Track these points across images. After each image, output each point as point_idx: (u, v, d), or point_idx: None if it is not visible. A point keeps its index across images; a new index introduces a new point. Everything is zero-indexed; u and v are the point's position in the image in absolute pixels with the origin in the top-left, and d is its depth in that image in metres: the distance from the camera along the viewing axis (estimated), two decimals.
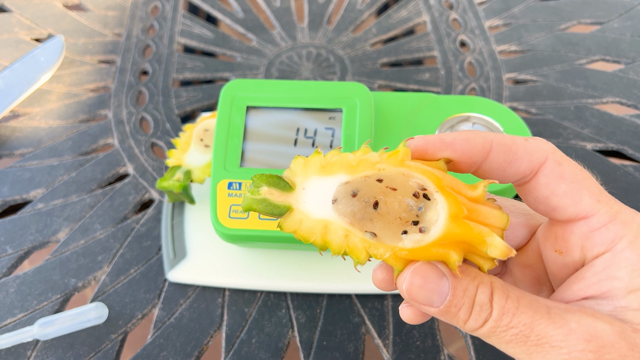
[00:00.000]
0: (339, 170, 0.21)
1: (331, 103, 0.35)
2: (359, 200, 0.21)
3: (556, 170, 0.19)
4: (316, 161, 0.22)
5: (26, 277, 0.38)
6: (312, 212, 0.21)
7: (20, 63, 0.50)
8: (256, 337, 0.35)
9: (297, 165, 0.22)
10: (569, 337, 0.18)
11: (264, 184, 0.22)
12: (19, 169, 0.44)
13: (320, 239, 0.21)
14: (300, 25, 0.55)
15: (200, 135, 0.39)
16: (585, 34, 0.52)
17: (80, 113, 0.48)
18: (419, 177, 0.20)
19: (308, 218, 0.21)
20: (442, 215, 0.19)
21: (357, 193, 0.21)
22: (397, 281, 0.20)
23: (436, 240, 0.19)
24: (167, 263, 0.38)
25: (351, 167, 0.21)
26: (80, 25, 0.56)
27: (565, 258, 0.20)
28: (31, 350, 0.35)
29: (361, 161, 0.21)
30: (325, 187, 0.21)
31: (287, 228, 0.21)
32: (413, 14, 0.55)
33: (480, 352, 0.34)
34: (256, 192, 0.22)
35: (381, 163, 0.21)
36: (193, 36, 0.55)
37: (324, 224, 0.21)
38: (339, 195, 0.21)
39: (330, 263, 0.37)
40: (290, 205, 0.21)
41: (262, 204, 0.21)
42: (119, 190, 0.43)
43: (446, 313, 0.19)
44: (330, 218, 0.21)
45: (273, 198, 0.21)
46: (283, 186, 0.22)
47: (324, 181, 0.21)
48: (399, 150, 0.21)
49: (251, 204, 0.22)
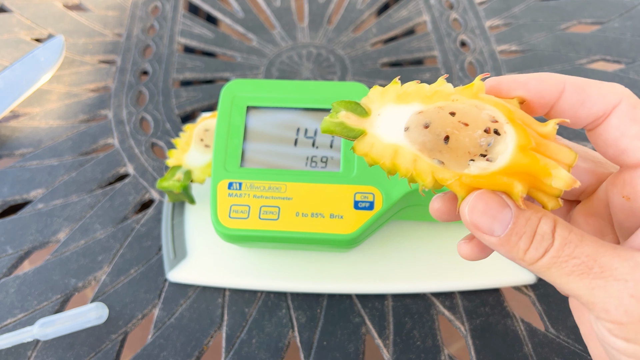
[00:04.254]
0: (414, 100, 0.22)
1: (331, 103, 0.35)
2: (431, 132, 0.21)
3: (630, 113, 0.19)
4: (393, 90, 0.23)
5: (26, 277, 0.38)
6: (384, 137, 0.22)
7: (20, 63, 0.50)
8: (256, 337, 0.35)
9: (375, 93, 0.23)
10: (636, 270, 0.17)
11: (342, 109, 0.23)
12: (19, 169, 0.44)
13: (389, 162, 0.22)
14: (301, 25, 0.55)
15: (201, 135, 0.39)
16: (585, 34, 0.52)
17: (80, 113, 0.48)
18: (490, 109, 0.21)
19: (380, 142, 0.22)
20: (510, 145, 0.20)
21: (429, 125, 0.22)
22: (460, 207, 0.20)
23: (502, 169, 0.20)
24: (168, 263, 0.38)
25: (426, 97, 0.22)
26: (80, 25, 0.56)
27: (633, 204, 0.20)
28: (31, 351, 0.35)
29: (436, 92, 0.22)
30: (399, 114, 0.22)
31: (359, 150, 0.23)
32: (413, 14, 0.55)
33: (480, 352, 0.34)
34: (334, 115, 0.23)
35: (455, 94, 0.21)
36: (193, 36, 0.55)
37: (394, 148, 0.22)
38: (412, 125, 0.22)
39: (331, 263, 0.37)
40: (365, 130, 0.23)
41: (339, 126, 0.23)
42: (119, 191, 0.43)
43: (506, 242, 0.19)
44: (401, 144, 0.22)
45: (349, 122, 0.23)
46: (359, 111, 0.23)
47: (398, 109, 0.22)
48: (473, 84, 0.21)
49: (329, 126, 0.23)
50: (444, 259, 0.37)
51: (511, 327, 0.35)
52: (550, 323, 0.35)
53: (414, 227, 0.38)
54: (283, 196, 0.33)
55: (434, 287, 0.36)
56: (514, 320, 0.35)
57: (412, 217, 0.37)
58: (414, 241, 0.38)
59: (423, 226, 0.38)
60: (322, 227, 0.32)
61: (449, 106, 0.21)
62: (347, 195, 0.33)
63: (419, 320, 0.35)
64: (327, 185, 0.33)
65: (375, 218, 0.32)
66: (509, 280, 0.36)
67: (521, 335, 0.34)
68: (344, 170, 0.34)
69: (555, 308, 0.35)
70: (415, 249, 0.37)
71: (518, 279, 0.36)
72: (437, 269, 0.36)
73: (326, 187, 0.33)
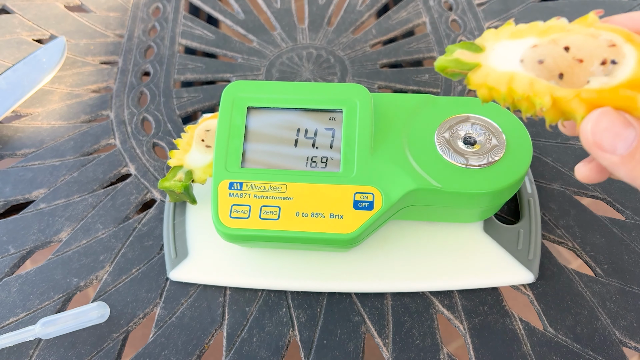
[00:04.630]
0: (528, 34, 0.22)
1: (331, 104, 0.36)
2: (545, 68, 0.21)
3: None
4: (507, 28, 0.24)
5: (28, 276, 0.38)
6: (499, 67, 0.23)
7: (22, 64, 0.50)
8: (257, 336, 0.35)
9: (489, 33, 0.24)
10: None
11: (457, 48, 0.24)
12: (21, 169, 0.45)
13: (505, 87, 0.22)
14: (301, 27, 0.55)
15: (202, 136, 0.39)
16: None
17: (82, 113, 0.49)
18: (607, 34, 0.20)
19: (495, 71, 0.23)
20: (631, 60, 0.19)
21: (543, 61, 0.22)
22: (581, 125, 0.20)
23: (623, 82, 0.19)
24: (169, 262, 0.38)
25: (541, 31, 0.22)
26: (82, 26, 0.56)
27: None
28: (33, 349, 0.35)
29: (550, 26, 0.22)
30: (513, 48, 0.23)
31: (474, 81, 0.23)
32: (413, 15, 0.56)
33: (479, 351, 0.34)
34: (449, 53, 0.24)
35: (570, 25, 0.22)
36: (194, 37, 0.55)
37: (510, 75, 0.22)
38: (526, 58, 0.22)
39: (331, 262, 0.37)
40: (479, 62, 0.23)
41: (454, 62, 0.24)
42: (121, 190, 0.43)
43: (630, 159, 0.19)
44: (517, 70, 0.22)
45: (464, 57, 0.23)
46: (474, 48, 0.24)
47: (513, 43, 0.23)
48: (587, 16, 0.22)
49: (443, 63, 0.24)
50: (443, 258, 0.37)
51: (510, 326, 0.35)
52: (548, 322, 0.35)
53: (414, 227, 0.38)
54: (283, 196, 0.33)
55: (433, 286, 0.36)
56: (512, 320, 0.35)
57: (412, 217, 0.38)
58: (414, 241, 0.38)
59: (423, 226, 0.38)
60: (322, 227, 0.33)
61: (563, 39, 0.21)
62: (347, 195, 0.33)
63: (418, 319, 0.35)
64: (327, 185, 0.33)
65: (375, 218, 0.33)
66: (508, 279, 0.36)
67: (520, 334, 0.34)
68: (344, 171, 0.34)
69: (554, 307, 0.35)
70: (414, 248, 0.37)
71: (517, 279, 0.36)
72: (436, 268, 0.36)
73: (326, 187, 0.33)
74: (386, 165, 0.34)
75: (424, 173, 0.33)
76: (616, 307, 0.35)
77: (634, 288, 0.36)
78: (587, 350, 0.33)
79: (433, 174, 0.33)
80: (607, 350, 0.33)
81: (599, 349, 0.33)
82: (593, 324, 0.34)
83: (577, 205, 0.40)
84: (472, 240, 0.38)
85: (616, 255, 0.37)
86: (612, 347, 0.33)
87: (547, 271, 0.37)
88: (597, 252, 0.38)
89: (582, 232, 0.39)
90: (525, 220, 0.38)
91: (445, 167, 0.34)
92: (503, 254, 0.37)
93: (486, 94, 0.23)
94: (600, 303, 0.35)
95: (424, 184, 0.33)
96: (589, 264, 0.38)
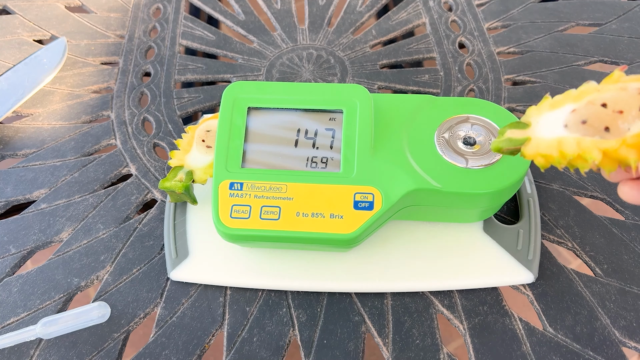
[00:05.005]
0: (565, 102, 0.25)
1: (331, 104, 0.36)
2: (589, 127, 0.24)
3: None
4: (546, 102, 0.27)
5: (29, 276, 0.39)
6: (547, 136, 0.26)
7: (23, 64, 0.50)
8: (257, 335, 0.35)
9: (531, 110, 0.27)
10: None
11: (507, 129, 0.27)
12: (22, 169, 0.45)
13: (557, 152, 0.25)
14: (301, 27, 0.56)
15: (202, 136, 0.39)
16: (583, 36, 0.52)
17: (82, 114, 0.49)
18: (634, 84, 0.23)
19: (544, 140, 0.25)
20: None
21: (586, 121, 0.24)
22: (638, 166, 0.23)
23: None
24: (169, 262, 0.38)
25: (574, 97, 0.25)
26: (82, 27, 0.56)
27: None
28: (34, 349, 0.35)
29: (583, 91, 0.25)
30: (555, 117, 0.26)
31: (528, 152, 0.26)
32: (412, 16, 0.56)
33: (479, 350, 0.34)
34: (501, 135, 0.28)
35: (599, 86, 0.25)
36: (195, 38, 0.55)
37: (558, 140, 0.25)
38: (569, 123, 0.25)
39: (331, 262, 0.37)
40: (529, 137, 0.26)
41: (507, 141, 0.27)
42: (122, 191, 0.43)
43: None
44: (563, 135, 0.25)
45: (514, 135, 0.27)
46: (521, 126, 0.27)
47: (554, 114, 0.26)
48: (613, 74, 0.24)
49: (498, 145, 0.28)
50: (443, 258, 0.37)
51: (509, 326, 0.35)
52: (548, 322, 0.35)
53: (413, 227, 0.38)
54: (284, 196, 0.33)
55: (433, 286, 0.36)
56: (512, 319, 0.35)
57: (412, 217, 0.38)
58: (414, 241, 0.38)
59: (423, 226, 0.38)
60: (322, 227, 0.33)
61: (598, 98, 0.24)
62: (347, 195, 0.33)
63: (418, 319, 0.35)
64: (327, 185, 0.34)
65: (375, 218, 0.33)
66: (508, 279, 0.36)
67: (519, 334, 0.35)
68: (344, 171, 0.34)
69: (553, 307, 0.35)
70: (414, 248, 0.38)
71: (516, 279, 0.36)
72: (436, 268, 0.37)
73: (326, 188, 0.33)
74: (386, 166, 0.34)
75: (423, 173, 0.33)
76: (616, 307, 0.35)
77: (634, 288, 0.36)
78: (586, 350, 0.34)
79: (433, 175, 0.33)
80: (607, 350, 0.33)
81: (598, 348, 0.34)
82: (593, 323, 0.35)
83: (576, 205, 0.40)
84: (472, 240, 0.38)
85: (616, 255, 0.37)
86: (611, 347, 0.34)
87: (546, 271, 0.37)
88: (596, 252, 0.38)
89: (581, 232, 0.39)
90: (525, 221, 0.38)
91: (445, 167, 0.34)
92: (503, 254, 0.37)
93: (543, 162, 0.26)
94: (600, 303, 0.35)
95: (424, 184, 0.33)
96: (588, 264, 0.38)
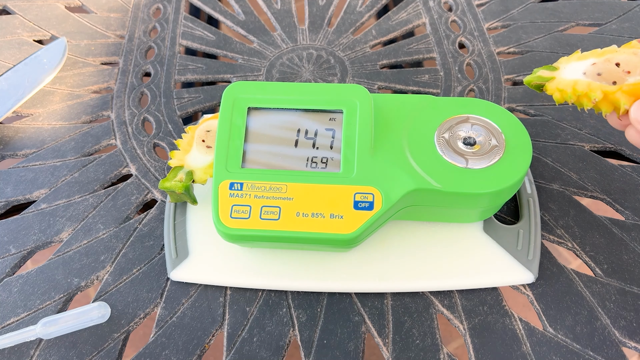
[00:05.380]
0: (589, 56, 0.32)
1: (332, 104, 0.36)
2: (602, 79, 0.31)
3: None
4: (575, 55, 0.33)
5: (29, 276, 0.39)
6: (566, 78, 0.32)
7: (23, 64, 0.50)
8: (257, 335, 0.35)
9: (562, 59, 0.34)
10: None
11: (540, 69, 0.34)
12: (22, 169, 0.45)
13: (571, 89, 0.32)
14: (301, 27, 0.56)
15: (202, 136, 0.39)
16: (583, 36, 0.52)
17: (82, 114, 0.49)
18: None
19: (564, 80, 0.32)
20: None
21: (601, 74, 0.31)
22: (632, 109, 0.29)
23: None
24: (170, 262, 0.38)
25: (598, 54, 0.32)
26: (82, 27, 0.56)
27: None
28: (34, 349, 0.35)
29: (605, 50, 0.32)
30: (579, 66, 0.32)
31: (550, 87, 0.33)
32: (412, 16, 0.56)
33: (479, 350, 0.34)
34: (534, 73, 0.34)
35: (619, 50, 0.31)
36: (195, 38, 0.55)
37: (575, 81, 0.32)
38: (588, 72, 0.32)
39: (331, 262, 0.37)
40: (554, 77, 0.33)
41: (537, 78, 0.34)
42: (122, 191, 0.43)
43: None
44: (578, 79, 0.32)
45: (544, 74, 0.34)
46: (551, 68, 0.34)
47: (578, 64, 0.32)
48: (631, 43, 0.31)
49: (530, 79, 0.34)
50: (443, 258, 0.37)
51: (509, 326, 0.35)
52: (548, 322, 0.35)
53: (414, 227, 0.38)
54: (284, 196, 0.33)
55: (433, 286, 0.36)
56: (512, 319, 0.35)
57: (412, 217, 0.38)
58: (414, 241, 0.38)
59: (423, 226, 0.39)
60: (322, 227, 0.33)
61: (614, 57, 0.31)
62: (347, 195, 0.33)
63: (418, 319, 0.35)
64: (327, 185, 0.34)
65: (375, 218, 0.33)
66: (508, 279, 0.36)
67: (519, 334, 0.35)
68: (344, 171, 0.34)
69: (553, 307, 0.35)
70: (414, 248, 0.38)
71: (516, 278, 0.36)
72: (436, 268, 0.37)
73: (326, 188, 0.33)
74: (386, 166, 0.34)
75: (424, 173, 0.33)
76: (616, 307, 0.35)
77: (634, 288, 0.36)
78: (586, 350, 0.34)
79: (433, 175, 0.33)
80: (607, 350, 0.33)
81: (598, 348, 0.34)
82: (593, 323, 0.35)
83: (576, 205, 0.40)
84: (472, 240, 0.38)
85: (616, 256, 0.37)
86: (611, 347, 0.34)
87: (546, 271, 0.37)
88: (596, 252, 0.38)
89: (581, 232, 0.39)
90: (525, 221, 0.38)
91: (445, 167, 0.34)
92: (503, 254, 0.37)
93: (558, 96, 0.32)
94: (600, 303, 0.35)
95: (424, 184, 0.33)
96: (588, 264, 0.38)
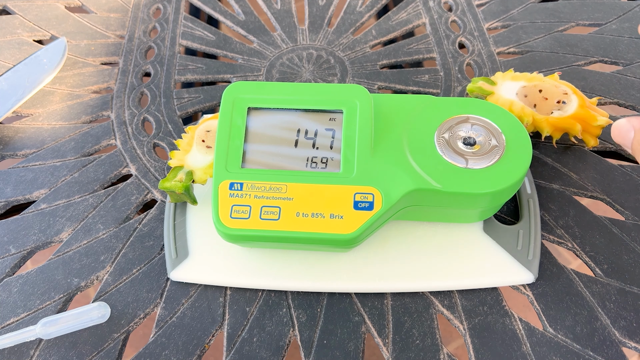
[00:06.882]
0: (521, 79, 0.41)
1: (331, 104, 0.36)
2: (527, 100, 0.40)
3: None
4: (509, 74, 0.41)
5: (29, 276, 0.39)
6: (504, 96, 0.40)
7: (23, 64, 0.50)
8: (257, 336, 0.35)
9: (498, 74, 0.41)
10: None
11: (479, 80, 0.41)
12: (22, 169, 0.45)
13: (507, 108, 0.39)
14: (301, 27, 0.56)
15: (202, 137, 0.39)
16: (583, 36, 0.52)
17: (82, 114, 0.49)
18: (563, 87, 0.40)
19: (502, 97, 0.40)
20: (575, 103, 0.39)
21: (527, 95, 0.40)
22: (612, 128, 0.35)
23: (570, 115, 0.39)
24: (169, 262, 0.38)
25: (528, 79, 0.40)
26: (82, 27, 0.56)
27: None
28: (34, 350, 0.35)
29: (534, 77, 0.40)
30: (512, 86, 0.40)
31: (490, 101, 0.39)
32: (412, 16, 0.56)
33: (479, 351, 0.34)
34: (475, 83, 0.41)
35: (544, 79, 0.40)
36: (195, 38, 0.55)
37: (511, 101, 0.40)
38: (518, 93, 0.40)
39: (331, 262, 0.37)
40: (493, 91, 0.40)
41: (478, 89, 0.41)
42: (122, 191, 0.43)
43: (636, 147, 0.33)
44: (514, 99, 0.40)
45: (484, 87, 0.41)
46: (490, 82, 0.41)
47: (512, 83, 0.41)
48: (554, 75, 0.40)
49: (472, 89, 0.41)
50: (443, 258, 0.37)
51: (509, 326, 0.35)
52: (548, 322, 0.35)
53: (414, 227, 0.38)
54: (284, 196, 0.33)
55: (433, 286, 0.36)
56: (512, 319, 0.35)
57: (412, 217, 0.38)
58: (414, 241, 0.38)
59: (423, 226, 0.39)
60: (322, 227, 0.33)
61: (539, 85, 0.40)
62: (347, 195, 0.33)
63: (418, 319, 0.35)
64: (327, 185, 0.34)
65: (375, 218, 0.33)
66: (508, 279, 0.36)
67: (519, 334, 0.35)
68: (344, 171, 0.34)
69: (553, 307, 0.35)
70: (414, 248, 0.38)
71: (516, 279, 0.36)
72: (436, 269, 0.37)
73: (326, 188, 0.33)
74: (386, 166, 0.34)
75: (423, 173, 0.33)
76: (616, 307, 0.35)
77: (634, 288, 0.36)
78: (586, 350, 0.34)
79: (433, 175, 0.33)
80: (607, 350, 0.33)
81: (598, 348, 0.34)
82: (592, 324, 0.35)
83: (576, 205, 0.40)
84: (472, 240, 0.38)
85: (616, 256, 0.37)
86: (611, 347, 0.34)
87: (546, 271, 0.37)
88: (596, 252, 0.38)
89: (581, 232, 0.39)
90: (525, 221, 0.38)
91: (445, 167, 0.34)
92: (503, 254, 0.37)
93: None
94: (600, 303, 0.35)
95: (424, 184, 0.33)
96: (588, 264, 0.38)
